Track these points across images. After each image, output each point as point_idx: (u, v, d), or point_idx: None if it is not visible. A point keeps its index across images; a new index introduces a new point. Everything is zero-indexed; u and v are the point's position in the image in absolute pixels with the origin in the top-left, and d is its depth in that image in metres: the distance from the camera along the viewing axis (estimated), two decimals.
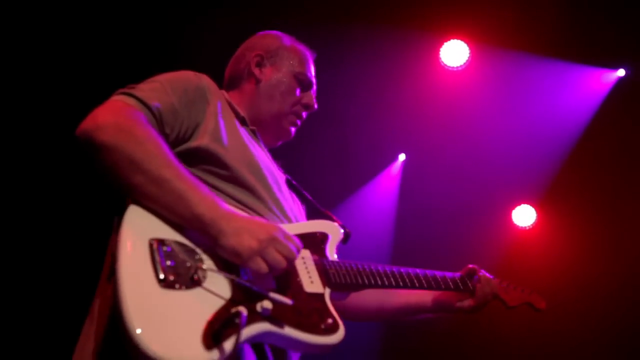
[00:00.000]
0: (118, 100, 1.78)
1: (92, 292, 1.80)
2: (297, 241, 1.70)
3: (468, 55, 4.85)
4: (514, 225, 5.42)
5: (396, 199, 5.43)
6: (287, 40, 2.43)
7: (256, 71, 2.31)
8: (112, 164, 1.64)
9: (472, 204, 5.24)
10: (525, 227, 5.41)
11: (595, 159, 5.04)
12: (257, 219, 1.74)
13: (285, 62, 2.34)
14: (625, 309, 4.82)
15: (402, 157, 5.48)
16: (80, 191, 4.10)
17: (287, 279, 1.74)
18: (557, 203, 5.29)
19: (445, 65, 4.89)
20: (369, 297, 2.38)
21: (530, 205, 5.40)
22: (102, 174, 1.67)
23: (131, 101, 1.78)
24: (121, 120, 1.68)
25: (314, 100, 2.39)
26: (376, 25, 4.66)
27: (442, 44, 4.87)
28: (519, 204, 5.41)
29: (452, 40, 4.85)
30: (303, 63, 2.38)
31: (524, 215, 5.42)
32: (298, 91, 2.34)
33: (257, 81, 2.30)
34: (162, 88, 1.86)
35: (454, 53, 4.87)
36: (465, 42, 4.85)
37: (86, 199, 4.04)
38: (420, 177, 5.33)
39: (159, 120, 1.81)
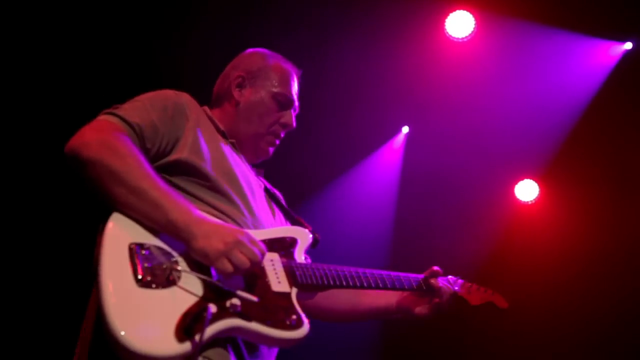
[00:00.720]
0: (102, 119, 1.97)
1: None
2: (262, 245, 1.85)
3: (473, 26, 4.78)
4: (517, 199, 5.40)
5: (399, 172, 5.40)
6: (271, 59, 2.53)
7: (236, 93, 2.43)
8: (96, 177, 1.82)
9: (475, 178, 5.22)
10: (527, 201, 5.39)
11: (600, 133, 5.00)
12: (227, 224, 1.90)
13: (265, 82, 2.45)
14: (630, 284, 4.82)
15: (405, 129, 5.44)
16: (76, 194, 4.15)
17: (256, 279, 1.91)
18: (560, 178, 5.27)
19: (450, 36, 4.83)
20: (340, 299, 2.54)
21: (533, 180, 5.37)
22: (88, 186, 1.85)
23: (114, 120, 1.96)
24: (104, 137, 1.87)
25: (293, 120, 2.49)
26: None
27: (448, 14, 4.80)
28: (522, 179, 5.39)
29: (457, 11, 4.79)
30: (284, 82, 2.47)
31: (527, 190, 5.39)
32: (276, 111, 2.44)
33: (237, 103, 2.42)
34: (143, 106, 2.04)
35: (459, 24, 4.80)
36: (471, 12, 4.78)
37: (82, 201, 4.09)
38: (423, 151, 5.30)
39: (140, 137, 1.98)
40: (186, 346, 1.63)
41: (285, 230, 2.24)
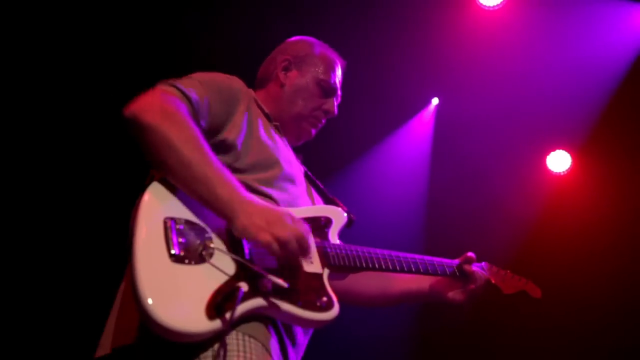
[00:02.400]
0: (163, 89, 1.98)
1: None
2: (305, 225, 1.84)
3: None
4: (549, 170, 5.33)
5: (430, 144, 5.36)
6: (317, 47, 2.57)
7: (281, 75, 2.47)
8: (152, 143, 1.83)
9: (506, 148, 5.17)
10: (559, 172, 5.32)
11: (637, 104, 4.87)
12: (272, 206, 1.88)
13: (311, 68, 2.48)
14: None
15: (435, 101, 5.36)
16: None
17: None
18: (593, 149, 5.19)
19: (482, 4, 4.71)
20: (371, 282, 2.53)
21: (566, 150, 5.29)
22: (143, 150, 1.86)
23: (174, 91, 1.97)
24: (165, 105, 1.88)
25: (335, 108, 2.51)
26: None
27: None
28: (554, 149, 5.30)
29: None
30: (329, 71, 2.50)
31: (559, 161, 5.33)
32: (320, 97, 2.47)
33: (282, 85, 2.46)
34: (200, 85, 2.05)
35: None
36: None
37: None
38: (453, 122, 5.23)
39: (196, 112, 1.99)
40: (216, 324, 1.63)
41: (320, 209, 2.23)
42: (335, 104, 2.53)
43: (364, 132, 5.20)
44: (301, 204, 2.19)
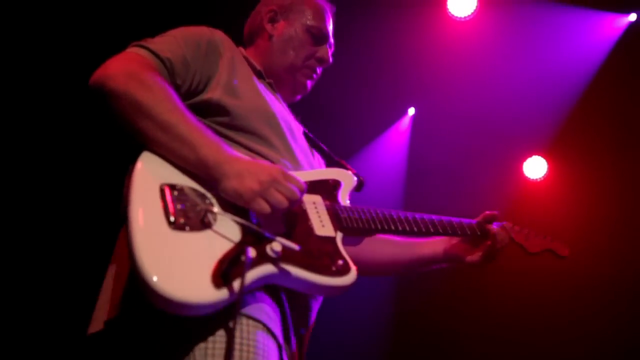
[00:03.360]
0: (130, 51, 1.86)
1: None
2: (300, 181, 1.72)
3: (475, 4, 4.75)
4: (525, 177, 5.39)
5: (406, 154, 5.40)
6: None
7: (268, 27, 2.33)
8: (121, 110, 1.70)
9: (482, 156, 5.21)
10: (536, 179, 5.37)
11: (606, 106, 4.97)
12: (261, 161, 1.76)
13: (299, 16, 2.34)
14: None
15: (411, 111, 5.43)
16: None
17: (298, 222, 1.78)
18: (568, 154, 5.24)
19: (453, 15, 4.80)
20: (383, 249, 2.40)
21: (542, 156, 5.36)
22: (114, 121, 1.73)
23: (143, 52, 1.85)
24: (130, 68, 1.75)
25: (329, 55, 2.37)
26: None
27: None
28: (530, 156, 5.37)
29: None
30: (317, 17, 2.36)
31: (535, 167, 5.38)
32: (311, 45, 2.33)
33: (270, 36, 2.32)
34: (175, 41, 1.92)
35: (461, 3, 4.78)
36: None
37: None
38: (430, 131, 5.29)
39: (170, 71, 1.86)
40: (224, 292, 1.50)
41: (327, 172, 2.08)
42: (329, 51, 2.37)
43: (340, 144, 5.22)
44: (302, 161, 2.06)
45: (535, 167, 5.37)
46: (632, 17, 4.74)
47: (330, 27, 2.41)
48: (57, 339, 3.92)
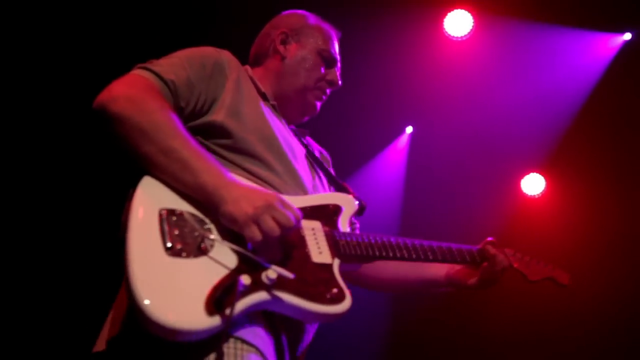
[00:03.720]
0: (134, 73, 1.86)
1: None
2: (297, 210, 1.72)
3: (472, 24, 4.80)
4: (523, 194, 5.41)
5: (404, 172, 5.43)
6: (312, 19, 2.48)
7: (281, 48, 2.36)
8: (124, 135, 1.71)
9: (480, 174, 5.24)
10: (534, 195, 5.40)
11: (603, 124, 5.01)
12: (260, 188, 1.77)
13: (310, 39, 2.39)
14: (637, 276, 4.82)
15: (409, 129, 5.47)
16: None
17: (295, 249, 1.78)
18: (565, 170, 5.28)
19: (450, 35, 4.85)
20: (386, 269, 2.41)
21: (539, 173, 5.39)
22: (117, 144, 1.74)
23: (147, 74, 1.85)
24: (134, 92, 1.75)
25: (339, 77, 2.43)
26: None
27: (446, 14, 4.83)
28: (528, 173, 5.40)
29: (455, 10, 4.81)
30: (327, 41, 2.42)
31: (533, 184, 5.41)
32: (322, 68, 2.37)
33: (282, 58, 2.35)
34: (180, 63, 1.93)
35: (458, 23, 4.82)
36: (469, 11, 4.80)
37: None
38: (428, 149, 5.33)
39: (173, 94, 1.87)
40: (216, 320, 1.51)
41: (328, 197, 2.08)
42: (338, 73, 2.43)
43: (339, 162, 5.25)
44: (305, 186, 2.06)
45: (533, 184, 5.40)
46: (627, 36, 4.79)
47: (337, 50, 2.47)
48: (65, 356, 3.93)
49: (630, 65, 4.79)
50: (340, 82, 2.43)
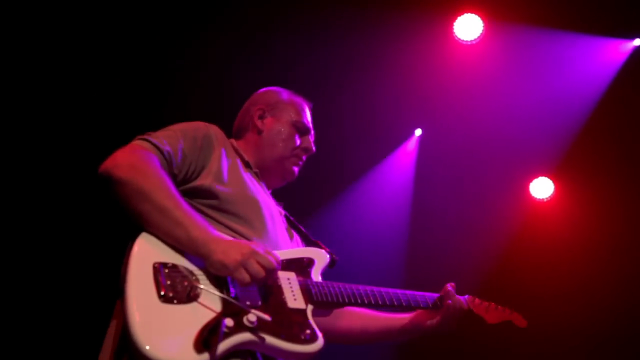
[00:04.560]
0: (135, 144, 2.14)
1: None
2: (276, 255, 1.99)
3: (482, 28, 4.82)
4: (532, 197, 5.43)
5: (413, 174, 5.46)
6: (284, 94, 2.74)
7: (258, 123, 2.63)
8: (125, 196, 1.98)
9: (489, 177, 5.26)
10: (543, 199, 5.42)
11: (612, 129, 5.01)
12: (242, 240, 2.05)
13: (284, 113, 2.65)
14: None
15: (418, 132, 5.49)
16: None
17: (273, 295, 2.05)
18: (574, 174, 5.29)
19: (459, 39, 4.88)
20: (354, 321, 2.65)
21: (548, 177, 5.40)
22: (119, 205, 2.00)
23: (146, 145, 2.13)
24: (135, 160, 2.04)
25: (312, 144, 2.68)
26: (389, 0, 4.67)
27: (456, 18, 4.85)
28: (537, 177, 5.42)
29: (465, 14, 4.83)
30: (299, 112, 2.68)
31: (542, 188, 5.43)
32: (297, 137, 2.63)
33: (259, 131, 2.61)
34: (175, 135, 2.21)
35: (468, 27, 4.84)
36: (479, 15, 4.81)
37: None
38: (437, 152, 5.35)
39: (169, 162, 2.14)
40: (204, 357, 1.74)
41: (302, 251, 2.37)
42: (312, 140, 2.70)
43: (349, 164, 5.30)
44: (280, 243, 2.32)
45: (541, 188, 5.42)
46: (637, 41, 4.79)
47: (309, 119, 2.72)
48: None
49: None
50: (314, 149, 2.67)
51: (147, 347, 1.71)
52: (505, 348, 4.76)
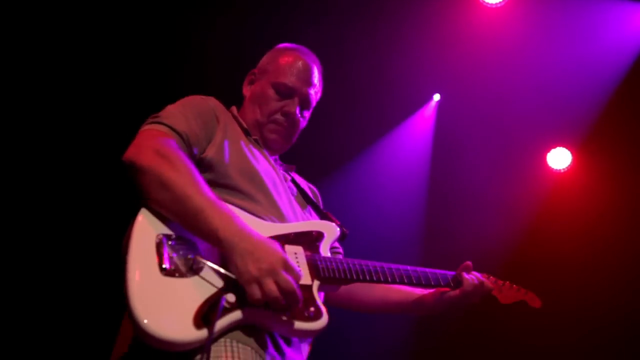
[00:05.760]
0: (152, 129, 2.07)
1: None
2: (298, 272, 1.85)
3: None
4: (549, 167, 5.35)
5: (431, 140, 5.37)
6: (283, 53, 2.56)
7: (245, 89, 2.58)
8: (147, 182, 1.90)
9: (507, 145, 5.19)
10: (560, 169, 5.34)
11: (638, 101, 4.88)
12: (269, 242, 1.86)
13: (268, 75, 2.51)
14: None
15: (436, 97, 5.38)
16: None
17: None
18: (593, 146, 5.20)
19: (484, 1, 4.72)
20: (370, 291, 2.54)
21: (566, 147, 5.31)
22: (139, 191, 1.93)
23: (163, 128, 2.07)
24: (157, 145, 1.97)
25: (295, 108, 2.46)
26: None
27: None
28: (555, 147, 5.33)
29: None
30: (286, 71, 2.48)
31: (559, 158, 5.35)
32: (277, 100, 2.46)
33: (244, 97, 2.56)
34: (183, 115, 2.14)
35: None
36: None
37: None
38: (455, 118, 5.25)
39: (186, 143, 2.08)
40: (203, 333, 1.69)
41: (312, 224, 2.26)
42: (296, 105, 2.47)
43: (366, 128, 5.22)
44: (286, 214, 2.21)
45: (559, 158, 5.34)
46: None
47: (306, 80, 2.49)
48: None
49: None
50: (296, 113, 2.46)
51: (145, 321, 1.66)
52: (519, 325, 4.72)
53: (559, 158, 5.35)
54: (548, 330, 4.89)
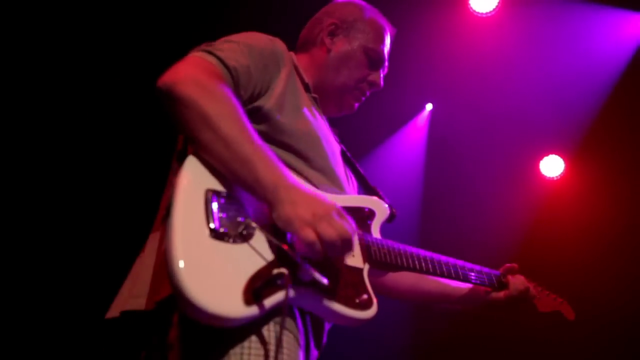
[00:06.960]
0: (199, 57, 1.80)
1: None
2: (353, 223, 1.65)
3: (497, 0, 4.69)
4: (542, 175, 5.36)
5: (424, 149, 5.38)
6: (367, 12, 2.36)
7: (327, 40, 2.28)
8: (187, 118, 1.65)
9: (499, 153, 5.20)
10: (553, 177, 5.35)
11: (630, 108, 4.91)
12: (319, 194, 1.67)
13: (359, 35, 2.28)
14: None
15: (429, 106, 5.39)
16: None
17: None
18: (586, 154, 5.22)
19: (474, 11, 4.74)
20: (406, 277, 2.39)
21: (559, 155, 5.32)
22: (176, 125, 1.69)
23: (212, 59, 1.79)
24: (201, 76, 1.70)
25: (381, 79, 2.34)
26: None
27: None
28: (547, 154, 5.34)
29: None
30: (378, 39, 2.31)
31: (552, 166, 5.36)
32: (366, 68, 2.29)
33: (328, 50, 2.26)
34: (240, 50, 1.87)
35: None
36: None
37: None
38: (447, 127, 5.26)
39: (235, 81, 1.81)
40: (253, 310, 1.50)
41: (364, 199, 2.04)
42: (382, 75, 2.34)
43: (360, 139, 5.20)
44: (344, 188, 2.02)
45: (552, 166, 5.35)
46: None
47: (388, 50, 2.37)
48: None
49: None
50: (382, 85, 2.33)
51: (190, 291, 1.43)
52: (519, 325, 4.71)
53: (552, 166, 5.37)
54: (543, 334, 4.88)
